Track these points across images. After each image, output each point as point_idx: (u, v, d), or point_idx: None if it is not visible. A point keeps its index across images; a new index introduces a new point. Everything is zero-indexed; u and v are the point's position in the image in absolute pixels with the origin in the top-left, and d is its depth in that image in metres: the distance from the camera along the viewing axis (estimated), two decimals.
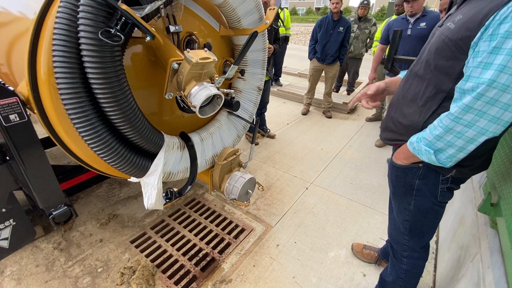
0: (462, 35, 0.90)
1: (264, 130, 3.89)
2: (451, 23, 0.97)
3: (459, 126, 0.89)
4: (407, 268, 1.43)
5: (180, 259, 1.98)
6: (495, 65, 0.79)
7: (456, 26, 0.94)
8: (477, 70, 0.84)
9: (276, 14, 1.65)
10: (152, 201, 1.34)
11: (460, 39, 0.91)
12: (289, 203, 2.60)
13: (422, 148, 1.00)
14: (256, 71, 1.90)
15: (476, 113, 0.85)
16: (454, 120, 0.89)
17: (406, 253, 1.40)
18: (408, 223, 1.31)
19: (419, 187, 1.19)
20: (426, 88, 1.06)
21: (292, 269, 1.93)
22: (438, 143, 0.95)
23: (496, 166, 1.41)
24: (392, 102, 1.26)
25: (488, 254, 1.26)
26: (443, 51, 0.98)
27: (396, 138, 1.21)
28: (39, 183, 1.41)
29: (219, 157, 1.73)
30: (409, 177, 1.20)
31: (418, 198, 1.22)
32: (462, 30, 0.91)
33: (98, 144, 1.09)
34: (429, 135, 0.98)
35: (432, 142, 0.97)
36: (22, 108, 1.26)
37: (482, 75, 0.82)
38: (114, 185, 2.75)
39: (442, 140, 0.94)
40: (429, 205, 1.21)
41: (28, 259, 1.94)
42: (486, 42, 0.82)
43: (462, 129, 0.89)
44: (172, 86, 1.28)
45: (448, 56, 0.97)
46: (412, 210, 1.26)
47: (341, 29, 4.09)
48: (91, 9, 0.95)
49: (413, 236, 1.34)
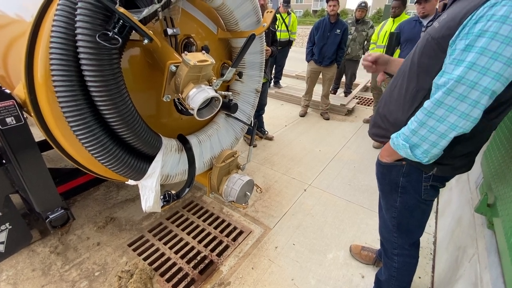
0: (443, 34, 0.93)
1: (262, 132, 3.90)
2: (436, 22, 1.00)
3: (431, 121, 0.91)
4: (398, 266, 1.45)
5: (178, 262, 1.97)
6: (466, 62, 0.82)
7: (439, 25, 0.96)
8: (450, 67, 0.86)
9: (273, 16, 1.66)
10: (150, 204, 1.34)
11: (441, 37, 0.93)
12: (287, 205, 2.60)
13: (400, 142, 1.02)
14: (254, 73, 1.91)
15: (447, 108, 0.87)
16: (427, 115, 0.91)
17: (396, 251, 1.42)
18: (396, 220, 1.33)
19: (404, 184, 1.21)
20: (409, 85, 1.09)
21: (290, 271, 1.93)
22: (414, 137, 0.97)
23: (492, 167, 1.43)
24: (382, 99, 1.28)
25: (485, 254, 1.27)
26: (425, 49, 1.01)
27: (383, 134, 1.23)
28: (35, 186, 1.40)
29: (217, 159, 1.73)
30: (393, 175, 1.22)
31: (403, 196, 1.24)
32: (443, 29, 0.93)
33: (95, 147, 1.08)
34: (406, 130, 1.00)
35: (409, 137, 0.98)
36: (19, 111, 1.25)
37: (454, 71, 0.84)
38: (111, 188, 2.74)
39: (417, 135, 0.96)
40: (414, 202, 1.23)
41: (25, 263, 1.92)
42: (462, 41, 0.84)
43: (434, 123, 0.91)
44: (170, 89, 1.28)
45: (430, 55, 0.99)
46: (399, 207, 1.28)
47: (338, 32, 4.12)
48: (88, 12, 0.95)
49: (401, 233, 1.36)
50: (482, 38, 0.79)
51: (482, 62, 0.79)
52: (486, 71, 0.79)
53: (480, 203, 1.36)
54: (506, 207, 1.15)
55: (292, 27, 5.61)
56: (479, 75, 0.80)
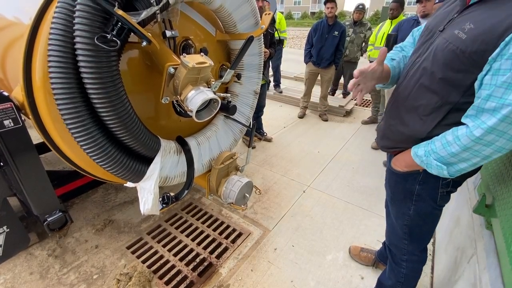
0: (477, 48, 0.85)
1: (261, 134, 3.90)
2: (459, 31, 0.91)
3: (478, 146, 0.87)
4: (406, 272, 1.43)
5: (177, 265, 1.96)
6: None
7: (469, 37, 0.87)
8: (500, 90, 0.80)
9: (271, 18, 1.67)
10: (148, 206, 1.33)
11: (475, 52, 0.85)
12: (286, 207, 2.59)
13: (433, 162, 0.99)
14: (253, 75, 1.91)
15: (497, 134, 0.83)
16: (475, 141, 0.87)
17: (405, 257, 1.40)
18: (408, 227, 1.31)
19: (419, 192, 1.18)
20: (431, 98, 1.01)
21: (290, 273, 1.92)
22: (452, 159, 0.94)
23: (490, 168, 1.43)
24: (390, 109, 1.23)
25: (484, 255, 1.27)
26: (452, 63, 0.92)
27: (394, 146, 1.21)
28: (33, 189, 1.39)
29: (216, 161, 1.73)
30: (409, 183, 1.20)
31: (418, 203, 1.21)
32: (477, 43, 0.85)
33: (93, 149, 1.08)
34: (442, 151, 0.95)
35: (445, 158, 0.95)
36: (17, 114, 1.25)
37: (506, 96, 0.79)
38: (110, 190, 2.73)
39: (457, 157, 0.93)
40: (429, 209, 1.21)
41: (22, 267, 1.91)
42: (509, 61, 0.78)
43: (480, 147, 0.87)
44: (168, 91, 1.28)
45: (459, 69, 0.91)
46: (412, 215, 1.26)
47: (336, 33, 4.14)
48: (87, 15, 0.95)
49: (413, 241, 1.34)
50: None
51: None
52: None
53: (478, 203, 1.37)
54: (504, 208, 1.15)
55: (279, 25, 5.53)
56: None
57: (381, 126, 1.32)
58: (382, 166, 3.29)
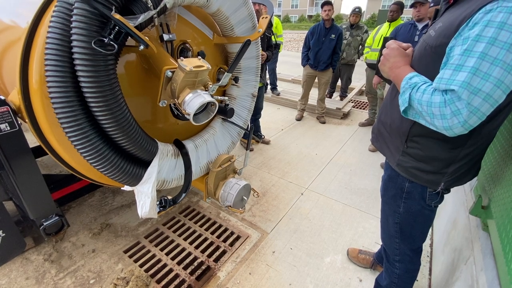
0: (440, 42, 0.92)
1: (258, 136, 3.90)
2: (432, 30, 0.99)
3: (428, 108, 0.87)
4: (399, 273, 1.44)
5: (175, 268, 1.95)
6: (468, 67, 0.78)
7: (436, 33, 0.96)
8: (448, 72, 0.83)
9: (269, 22, 1.68)
10: (146, 210, 1.33)
11: (439, 45, 0.93)
12: (284, 209, 2.59)
13: (406, 94, 0.94)
14: (250, 78, 1.92)
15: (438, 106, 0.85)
16: (427, 105, 0.87)
17: (398, 257, 1.42)
18: (398, 225, 1.33)
19: (409, 189, 1.21)
20: None
21: (288, 276, 1.92)
22: (415, 104, 0.92)
23: (486, 170, 1.44)
24: (382, 107, 1.28)
25: (480, 256, 1.27)
26: (423, 58, 1.00)
27: (382, 146, 1.24)
28: (29, 193, 1.39)
29: (213, 164, 1.73)
30: (400, 178, 1.23)
31: (407, 201, 1.24)
32: (440, 37, 0.93)
33: (91, 153, 1.08)
34: (417, 94, 0.91)
35: (412, 100, 0.92)
36: (13, 117, 1.24)
37: (454, 77, 0.81)
38: (107, 194, 2.71)
39: (413, 109, 0.95)
40: (419, 208, 1.23)
41: (18, 272, 1.89)
42: (458, 47, 0.83)
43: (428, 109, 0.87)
44: (166, 94, 1.28)
45: (427, 63, 0.98)
46: (402, 212, 1.28)
47: (333, 37, 4.17)
48: (84, 19, 0.95)
49: (404, 239, 1.36)
50: (479, 43, 0.76)
51: (484, 68, 0.76)
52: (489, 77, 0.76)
53: (475, 205, 1.37)
54: (500, 209, 1.16)
55: (276, 30, 5.57)
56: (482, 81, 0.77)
57: (374, 126, 1.36)
58: (380, 168, 3.30)
